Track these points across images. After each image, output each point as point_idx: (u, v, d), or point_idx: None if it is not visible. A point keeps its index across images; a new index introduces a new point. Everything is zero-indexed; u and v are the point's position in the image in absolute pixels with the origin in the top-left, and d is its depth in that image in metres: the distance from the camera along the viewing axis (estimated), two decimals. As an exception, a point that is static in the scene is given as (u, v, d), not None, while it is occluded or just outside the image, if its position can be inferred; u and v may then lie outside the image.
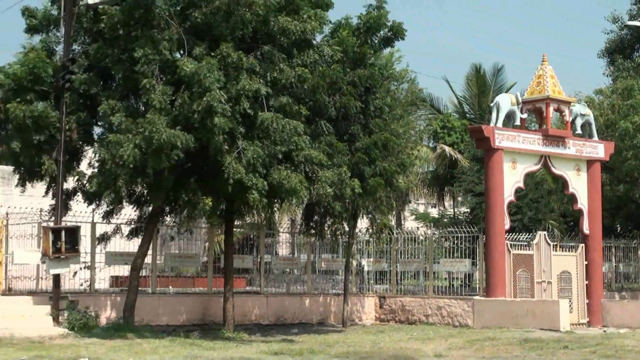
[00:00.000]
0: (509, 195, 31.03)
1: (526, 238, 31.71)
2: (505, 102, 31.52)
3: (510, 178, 31.07)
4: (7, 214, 27.19)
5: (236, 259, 29.72)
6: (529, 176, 32.70)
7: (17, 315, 24.57)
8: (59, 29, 26.83)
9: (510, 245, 30.82)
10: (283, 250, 36.88)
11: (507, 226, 30.94)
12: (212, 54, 24.10)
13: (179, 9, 25.11)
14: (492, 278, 30.30)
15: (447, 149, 43.20)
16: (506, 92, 38.38)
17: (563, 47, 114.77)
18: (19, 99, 25.34)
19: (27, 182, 27.77)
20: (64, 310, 25.41)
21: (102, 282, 30.32)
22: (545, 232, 32.24)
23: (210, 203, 25.45)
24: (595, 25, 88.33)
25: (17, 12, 27.73)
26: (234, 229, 28.94)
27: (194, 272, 33.70)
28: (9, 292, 26.45)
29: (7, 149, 26.71)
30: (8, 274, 26.77)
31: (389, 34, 28.52)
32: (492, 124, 31.05)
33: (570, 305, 30.21)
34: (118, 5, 24.71)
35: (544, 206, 37.98)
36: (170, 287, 30.83)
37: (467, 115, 46.23)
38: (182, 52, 24.64)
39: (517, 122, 31.79)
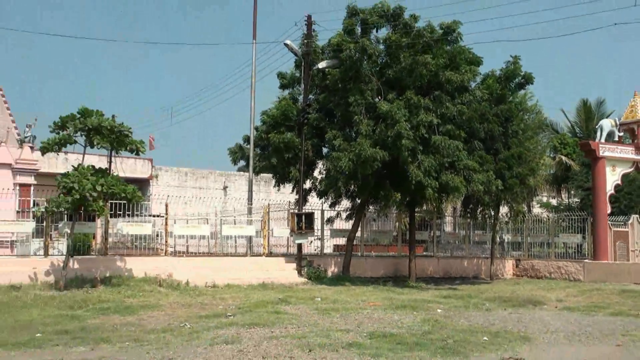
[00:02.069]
0: (609, 189, 30.29)
1: (623, 219, 30.71)
2: (606, 124, 31.01)
3: (611, 178, 30.34)
4: (268, 205, 28.07)
5: (417, 233, 29.61)
6: (624, 176, 31.34)
7: (275, 270, 25.40)
8: (300, 85, 27.60)
9: (611, 224, 30.00)
10: (448, 228, 36.49)
11: (608, 211, 30.18)
12: (400, 97, 24.18)
13: (377, 69, 25.32)
14: (598, 247, 29.56)
15: (564, 158, 42.10)
16: (607, 117, 36.68)
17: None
18: (275, 131, 26.29)
19: (280, 184, 28.77)
20: (304, 266, 26.11)
21: (328, 249, 30.82)
22: (637, 215, 30.88)
23: (399, 197, 25.54)
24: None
25: (274, 75, 28.96)
26: (415, 214, 28.86)
27: (388, 242, 33.67)
28: (270, 255, 27.24)
29: (268, 163, 27.70)
30: (270, 243, 27.56)
31: (522, 80, 27.74)
32: (597, 140, 30.45)
33: (655, 266, 28.97)
34: (338, 68, 25.24)
35: (636, 197, 36.36)
36: (372, 252, 30.93)
37: (578, 134, 44.55)
38: (379, 97, 24.78)
39: (616, 139, 30.81)
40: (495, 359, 11.04)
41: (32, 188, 27.12)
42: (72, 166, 21.06)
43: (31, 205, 25.93)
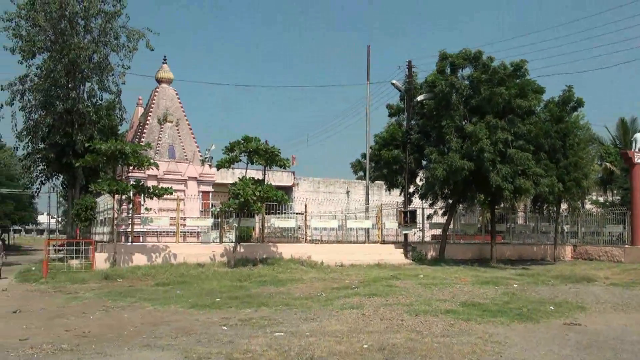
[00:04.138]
0: (644, 189, 28.35)
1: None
2: (639, 137, 28.81)
3: (645, 180, 28.40)
4: (381, 205, 28.06)
5: (496, 225, 28.51)
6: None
7: (387, 253, 25.29)
8: (404, 113, 27.35)
9: (645, 216, 28.10)
10: (520, 220, 34.94)
11: (643, 206, 28.24)
12: (481, 120, 23.57)
13: (463, 99, 24.76)
14: (635, 235, 27.59)
15: (608, 164, 39.84)
16: (639, 131, 34.25)
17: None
18: (386, 149, 26.28)
19: (390, 189, 28.62)
20: (409, 251, 25.85)
21: (427, 238, 30.22)
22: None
23: (482, 197, 24.91)
24: None
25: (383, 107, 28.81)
26: (495, 210, 27.92)
27: (473, 232, 32.72)
28: (383, 242, 27.16)
29: (380, 173, 27.58)
30: (382, 233, 27.45)
31: (575, 104, 26.32)
32: (633, 150, 28.37)
33: (677, 248, 26.89)
34: (432, 100, 24.93)
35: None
36: (462, 240, 30.19)
37: (618, 145, 41.95)
38: (465, 120, 24.28)
39: (648, 149, 28.73)
40: (559, 324, 10.58)
41: (210, 194, 28.34)
42: (238, 178, 21.97)
43: (210, 206, 27.17)
